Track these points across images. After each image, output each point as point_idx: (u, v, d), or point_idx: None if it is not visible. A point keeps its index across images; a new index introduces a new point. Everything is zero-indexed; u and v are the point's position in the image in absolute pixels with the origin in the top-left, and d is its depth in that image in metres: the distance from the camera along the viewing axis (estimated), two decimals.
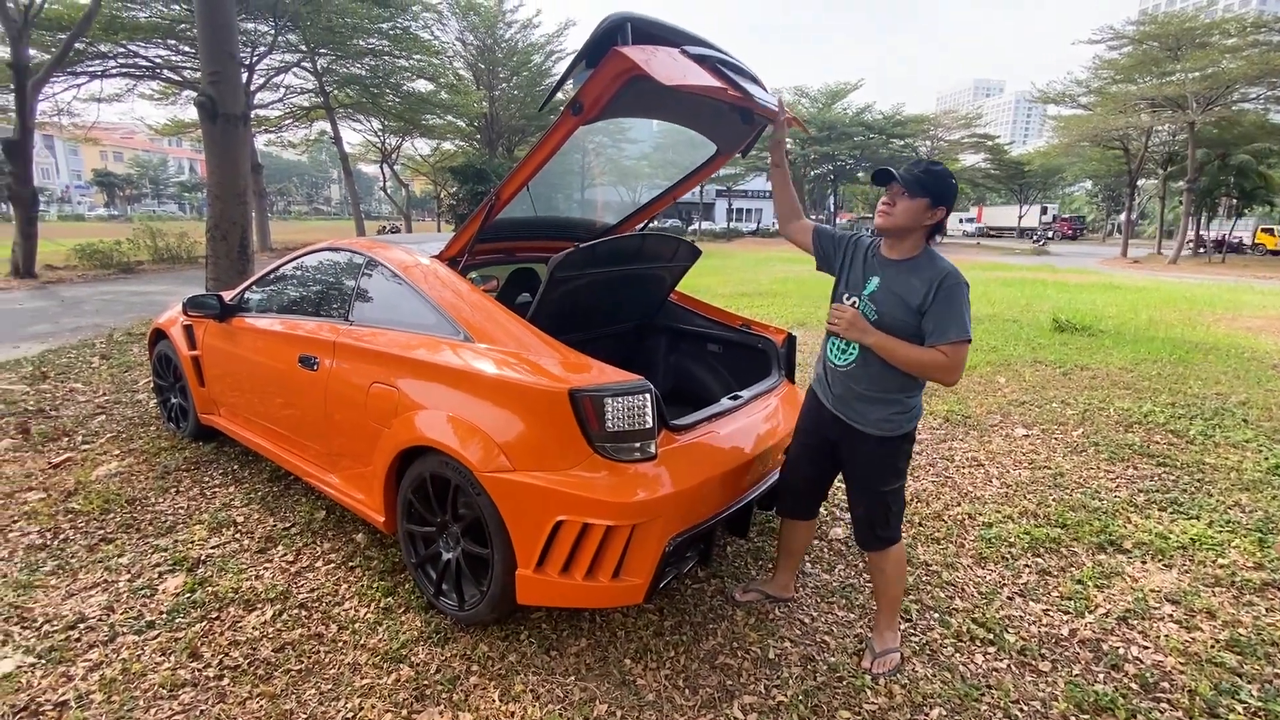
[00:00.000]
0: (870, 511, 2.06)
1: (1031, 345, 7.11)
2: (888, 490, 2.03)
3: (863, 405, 1.97)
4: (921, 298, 1.82)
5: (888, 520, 2.06)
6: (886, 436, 1.97)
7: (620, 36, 1.88)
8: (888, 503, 2.04)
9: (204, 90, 6.86)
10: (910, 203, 1.82)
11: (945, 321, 1.80)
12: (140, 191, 65.93)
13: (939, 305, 1.80)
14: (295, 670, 2.05)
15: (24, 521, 2.90)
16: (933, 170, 1.82)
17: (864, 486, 2.06)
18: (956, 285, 1.81)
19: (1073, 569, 2.73)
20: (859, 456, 2.04)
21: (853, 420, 1.99)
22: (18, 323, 7.80)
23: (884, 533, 2.07)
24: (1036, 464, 3.83)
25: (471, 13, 25.40)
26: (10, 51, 11.13)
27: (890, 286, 1.89)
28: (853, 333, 1.88)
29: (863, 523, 2.09)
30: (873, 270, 1.95)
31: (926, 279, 1.83)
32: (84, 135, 20.13)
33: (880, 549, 2.09)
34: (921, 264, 1.88)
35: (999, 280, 14.79)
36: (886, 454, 2.00)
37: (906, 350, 1.84)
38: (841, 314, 1.91)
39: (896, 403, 1.95)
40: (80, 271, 13.29)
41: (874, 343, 1.86)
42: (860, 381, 1.96)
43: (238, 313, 3.33)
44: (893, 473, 2.02)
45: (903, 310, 1.86)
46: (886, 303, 1.88)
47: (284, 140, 28.11)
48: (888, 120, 37.01)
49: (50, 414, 4.35)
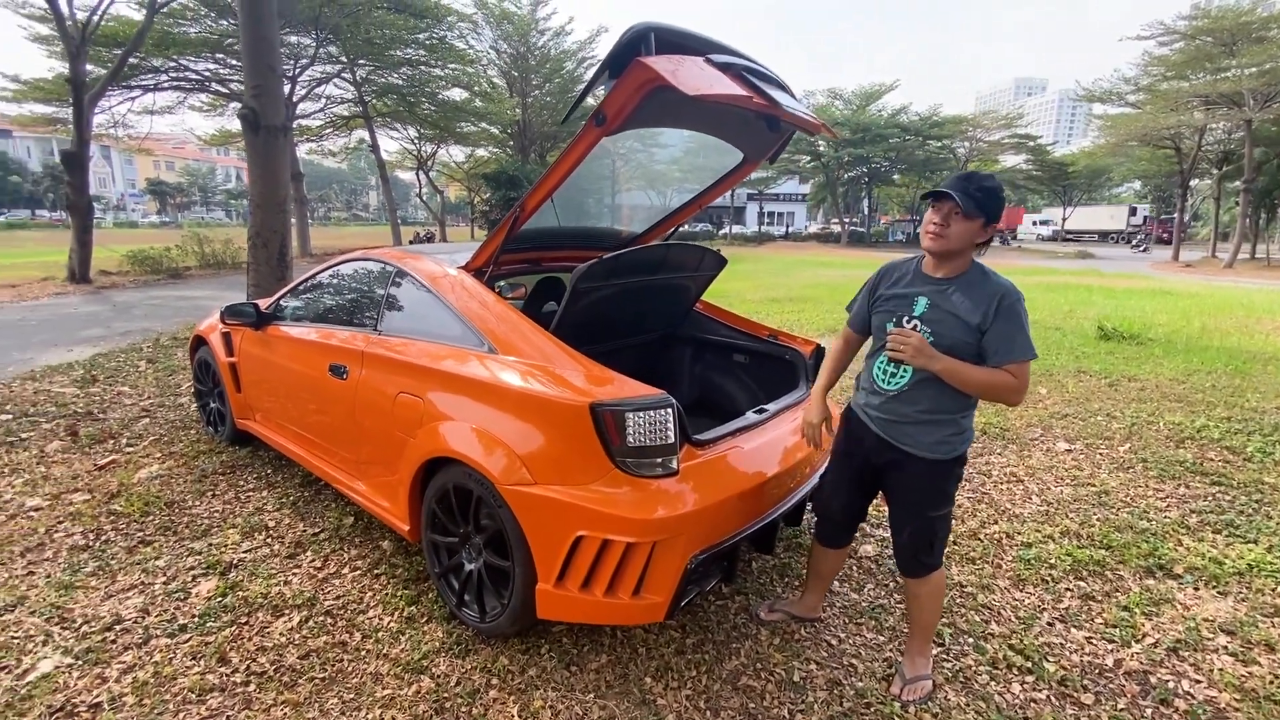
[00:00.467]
0: (916, 537, 1.97)
1: (1075, 354, 6.85)
2: (936, 516, 1.94)
3: (915, 429, 1.87)
4: (981, 316, 1.74)
5: (932, 546, 1.97)
6: (940, 460, 1.88)
7: (644, 46, 1.86)
8: (935, 528, 1.96)
9: (247, 103, 7.08)
10: (966, 224, 1.73)
11: (1010, 341, 1.72)
12: (190, 199, 68.61)
13: (1002, 324, 1.72)
14: (319, 678, 2.07)
15: (69, 522, 3.01)
16: (987, 187, 1.73)
17: (913, 512, 1.96)
18: (1017, 302, 1.74)
19: (1118, 594, 2.60)
20: (908, 481, 1.94)
21: (903, 444, 1.89)
22: (72, 327, 8.15)
23: (928, 559, 1.98)
24: (1080, 481, 3.67)
25: (505, 21, 25.76)
26: (69, 67, 11.69)
27: (943, 306, 1.79)
28: (919, 359, 1.76)
29: (906, 549, 2.00)
30: (918, 290, 1.85)
31: (985, 296, 1.75)
32: (138, 146, 21.02)
33: (923, 575, 2.01)
34: (974, 280, 1.80)
35: (1041, 285, 14.31)
36: (938, 478, 1.91)
37: (973, 373, 1.75)
38: (906, 340, 1.77)
39: (952, 424, 1.86)
40: (132, 277, 13.86)
41: (941, 369, 1.75)
42: (913, 404, 1.86)
43: (273, 321, 3.41)
44: (942, 497, 1.93)
45: (961, 330, 1.76)
46: (943, 324, 1.78)
47: (324, 149, 29.00)
48: (924, 121, 36.19)
49: (98, 416, 4.52)
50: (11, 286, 11.68)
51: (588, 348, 2.87)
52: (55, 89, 16.19)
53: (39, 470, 3.58)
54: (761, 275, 16.92)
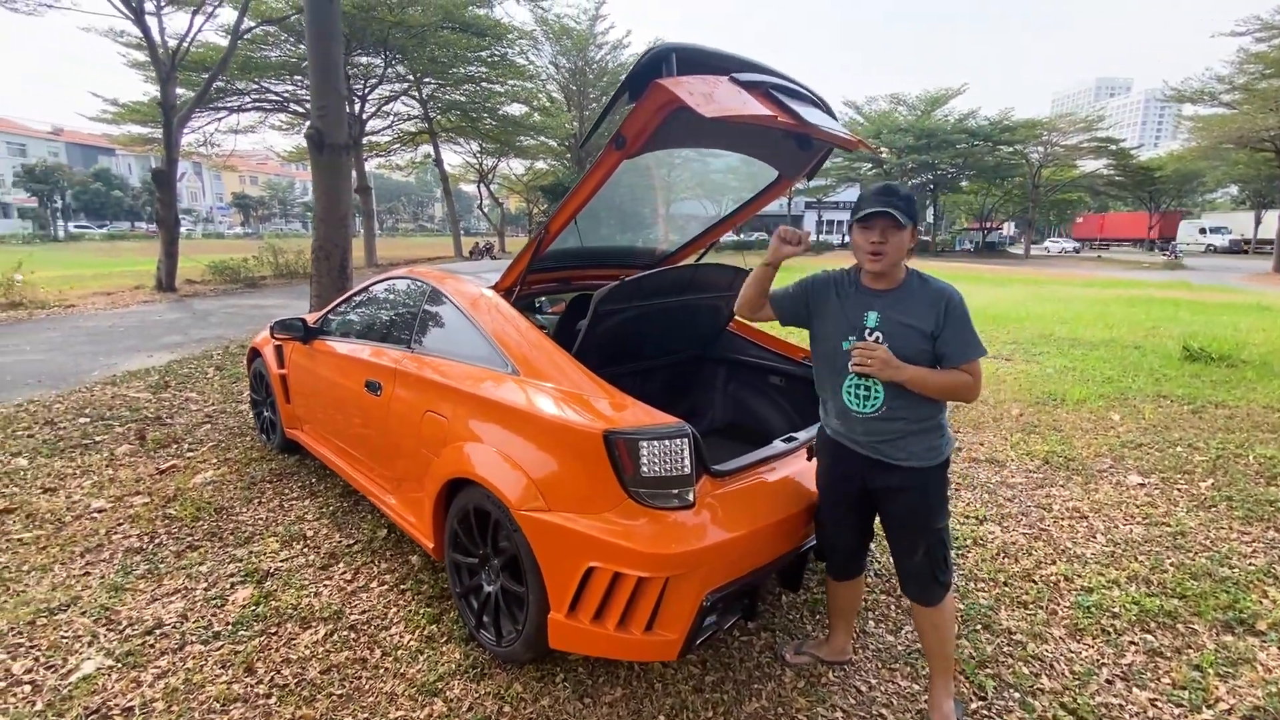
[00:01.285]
0: (930, 555, 1.89)
1: (1155, 376, 6.34)
2: (942, 527, 1.90)
3: (906, 441, 1.85)
4: (934, 322, 1.76)
5: (947, 561, 1.92)
6: (932, 466, 1.85)
7: (664, 68, 1.82)
8: (944, 540, 1.91)
9: (313, 123, 7.44)
10: (901, 234, 1.74)
11: (963, 343, 1.76)
12: (270, 211, 73.02)
13: (953, 327, 1.76)
14: (337, 695, 2.09)
15: (127, 524, 3.18)
16: (907, 195, 1.75)
17: (921, 527, 1.89)
18: (961, 303, 1.79)
19: (1190, 651, 2.34)
20: (909, 497, 1.89)
21: (897, 459, 1.85)
22: (155, 333, 8.75)
23: (945, 577, 1.92)
24: (1153, 519, 3.36)
25: (564, 37, 26.36)
26: (160, 91, 12.64)
27: (894, 317, 1.80)
28: (886, 371, 1.76)
29: (922, 571, 1.90)
30: (865, 304, 1.85)
31: (930, 301, 1.78)
32: (224, 162, 22.60)
33: (940, 599, 1.92)
34: (915, 287, 1.82)
35: (1120, 299, 13.40)
36: (935, 486, 1.89)
37: (938, 379, 1.77)
38: (873, 353, 1.76)
39: (936, 428, 1.86)
40: (212, 286, 14.81)
41: (908, 378, 1.76)
42: (895, 420, 1.84)
43: (319, 335, 3.53)
44: (943, 505, 1.91)
45: (916, 338, 1.78)
46: (896, 335, 1.79)
47: (392, 163, 30.37)
48: (994, 126, 34.63)
49: (166, 421, 4.80)
50: (107, 294, 12.67)
51: (614, 369, 2.84)
52: (149, 111, 17.61)
53: (107, 473, 3.82)
54: None
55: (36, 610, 2.48)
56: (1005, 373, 6.53)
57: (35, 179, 45.86)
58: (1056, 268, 27.39)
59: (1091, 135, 35.97)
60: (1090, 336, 8.54)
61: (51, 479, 3.73)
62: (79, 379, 6.08)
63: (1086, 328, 9.23)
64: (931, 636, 1.97)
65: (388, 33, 17.67)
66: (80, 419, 4.80)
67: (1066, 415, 5.11)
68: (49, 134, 63.15)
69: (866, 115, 37.69)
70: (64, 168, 50.25)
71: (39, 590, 2.63)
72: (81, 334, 8.61)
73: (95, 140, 50.50)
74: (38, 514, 3.28)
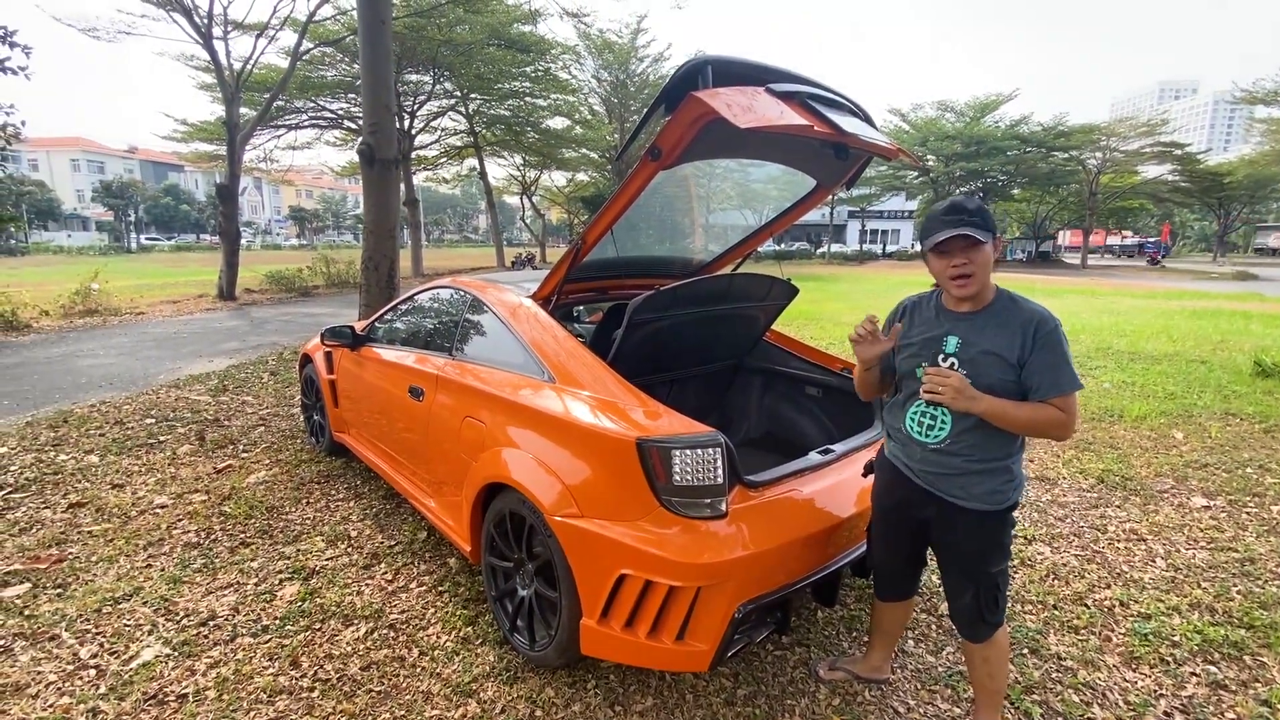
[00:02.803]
0: (980, 598, 1.79)
1: (1223, 393, 5.99)
2: (998, 571, 1.78)
3: (966, 479, 1.72)
4: (1019, 349, 1.60)
5: (997, 604, 1.80)
6: (994, 510, 1.72)
7: (701, 79, 1.84)
8: (998, 584, 1.79)
9: (365, 138, 7.74)
10: (982, 250, 1.61)
11: (1055, 373, 1.58)
12: (324, 224, 75.97)
13: (1042, 355, 1.59)
14: (376, 691, 2.15)
15: (186, 520, 3.35)
16: (977, 208, 1.60)
17: (972, 572, 1.79)
18: (1054, 330, 1.60)
19: (1257, 684, 2.20)
20: (964, 536, 1.78)
21: (953, 496, 1.74)
22: (215, 340, 9.21)
23: (994, 618, 1.81)
24: (1218, 544, 3.18)
25: (606, 51, 26.73)
26: (225, 111, 13.36)
27: (976, 343, 1.66)
28: (960, 401, 1.61)
29: (970, 611, 1.81)
30: (945, 329, 1.72)
31: (1018, 326, 1.62)
32: (282, 177, 23.64)
33: (989, 637, 1.83)
34: (1003, 309, 1.66)
35: (1185, 311, 12.72)
36: (994, 531, 1.75)
37: (1018, 411, 1.59)
38: (945, 381, 1.61)
39: (1004, 471, 1.71)
40: (269, 295, 15.49)
41: (984, 410, 1.60)
42: (958, 455, 1.71)
43: (367, 342, 3.66)
44: (1001, 551, 1.77)
45: (999, 367, 1.63)
46: (977, 362, 1.65)
47: (439, 176, 31.26)
48: (1048, 132, 33.43)
49: (223, 423, 5.04)
50: (173, 303, 13.40)
51: (650, 378, 2.86)
52: (215, 130, 18.63)
53: (169, 471, 4.03)
54: (859, 297, 16.25)
55: (103, 599, 2.63)
56: None
57: (111, 194, 49.00)
58: (1117, 278, 26.19)
59: (1154, 140, 34.37)
60: (1152, 350, 8.13)
61: (119, 475, 3.95)
62: (146, 382, 6.44)
63: (1148, 341, 8.79)
64: (979, 670, 1.89)
65: (436, 51, 18.26)
66: (147, 420, 5.08)
67: (1124, 433, 4.88)
68: (125, 152, 67.43)
69: (912, 123, 36.91)
70: (138, 183, 53.56)
71: (105, 580, 2.79)
72: (149, 340, 9.12)
73: (166, 158, 53.70)
74: (106, 508, 3.49)
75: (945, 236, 1.59)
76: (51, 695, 2.10)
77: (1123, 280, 24.72)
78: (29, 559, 2.95)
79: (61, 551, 3.03)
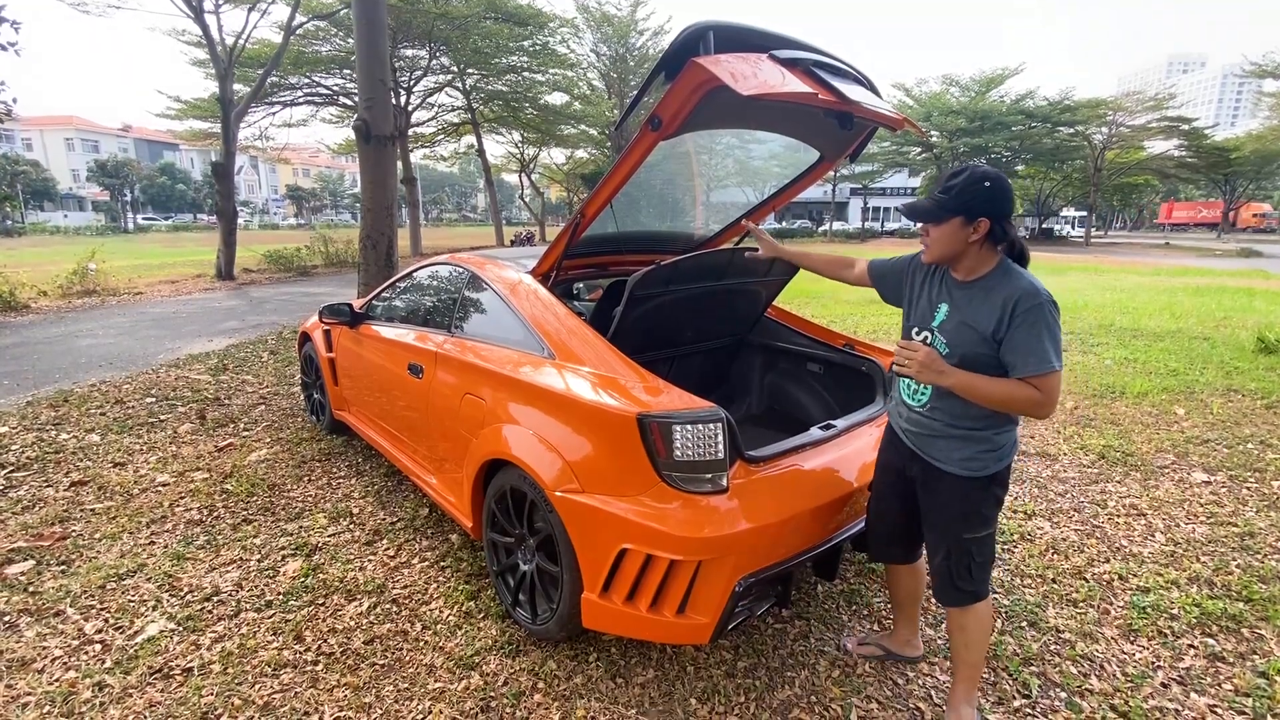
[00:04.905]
0: (950, 561, 1.80)
1: (1225, 370, 5.98)
2: (972, 539, 1.77)
3: (944, 443, 1.75)
4: (995, 324, 1.58)
5: (969, 572, 1.79)
6: (972, 478, 1.73)
7: (701, 46, 1.79)
8: (970, 552, 1.78)
9: (360, 114, 7.63)
10: (941, 228, 1.63)
11: (1025, 352, 1.55)
12: (322, 203, 75.33)
13: (1019, 332, 1.56)
14: (379, 664, 2.17)
15: (188, 498, 3.36)
16: (949, 184, 1.60)
17: (947, 534, 1.80)
18: (1035, 307, 1.55)
19: (1255, 657, 2.21)
20: (940, 498, 1.80)
21: (933, 458, 1.77)
22: (214, 319, 9.18)
23: (964, 585, 1.81)
24: (1218, 519, 3.18)
25: (605, 24, 26.26)
26: (218, 87, 13.17)
27: (961, 316, 1.66)
28: (926, 375, 1.63)
29: (941, 573, 1.83)
30: (943, 296, 1.74)
31: (1000, 300, 1.59)
32: (278, 156, 23.41)
33: (962, 604, 1.83)
34: (994, 282, 1.63)
35: (1188, 288, 12.65)
36: (972, 498, 1.75)
37: (990, 387, 1.59)
38: (912, 354, 1.64)
39: (984, 440, 1.71)
40: (268, 274, 15.41)
41: (953, 384, 1.62)
42: (939, 420, 1.74)
43: (365, 320, 3.63)
44: (979, 520, 1.77)
45: (976, 341, 1.62)
46: (958, 334, 1.66)
47: (437, 154, 30.90)
48: (1053, 106, 32.93)
49: (224, 402, 5.03)
50: (171, 283, 13.34)
51: (651, 354, 2.84)
52: (209, 107, 18.37)
53: (171, 449, 4.04)
54: None
55: (107, 575, 2.64)
56: None
57: (107, 174, 48.55)
58: (1121, 255, 26.03)
59: (1161, 114, 33.88)
60: (1154, 327, 8.09)
61: (121, 454, 3.96)
62: (146, 361, 6.43)
63: (1150, 318, 8.75)
64: (955, 638, 1.89)
65: (432, 25, 17.94)
66: (147, 399, 5.08)
67: (1126, 409, 4.87)
68: (119, 131, 66.66)
69: (916, 97, 36.36)
70: (133, 163, 53.01)
71: (109, 557, 2.80)
72: (148, 320, 9.09)
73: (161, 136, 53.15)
74: (109, 486, 3.50)
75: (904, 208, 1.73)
76: (57, 670, 2.12)
77: (1126, 257, 24.57)
78: (33, 536, 2.96)
79: (65, 529, 3.04)
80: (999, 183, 1.57)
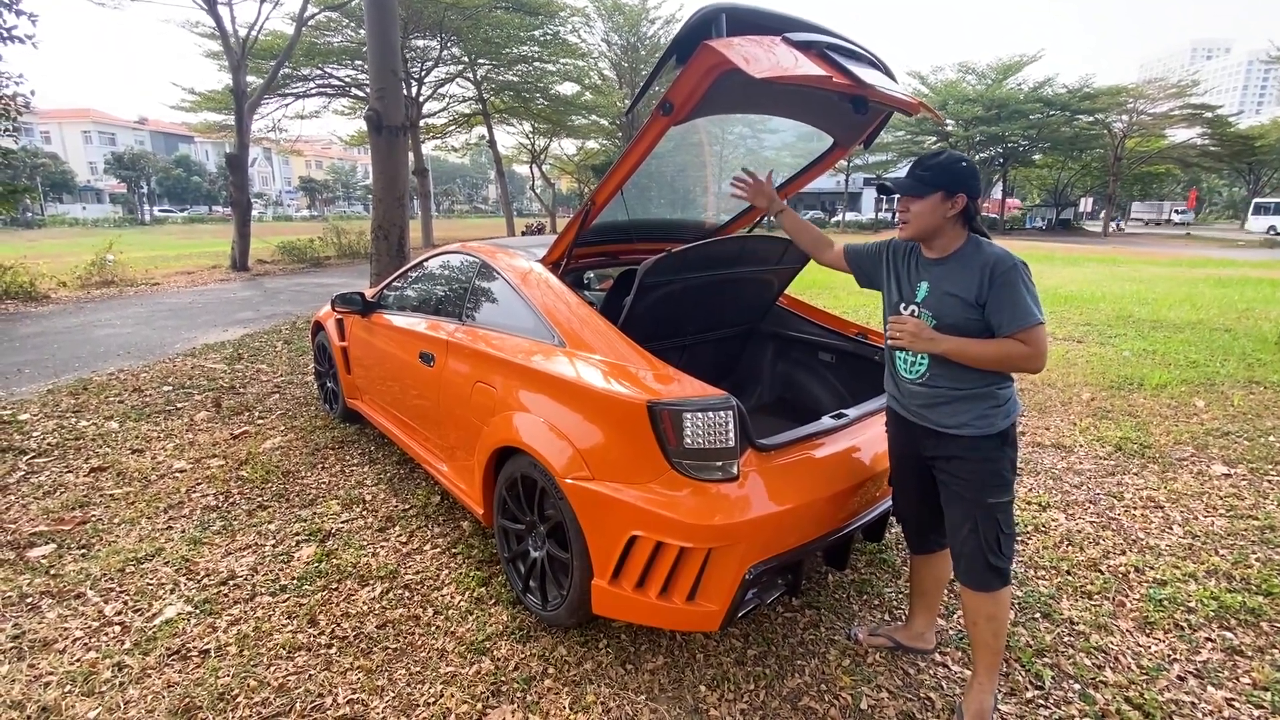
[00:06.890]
0: (980, 534, 1.77)
1: (1246, 361, 5.87)
2: (996, 504, 1.76)
3: (950, 407, 1.79)
4: (978, 288, 1.69)
5: (999, 545, 1.77)
6: (984, 435, 1.76)
7: (714, 29, 1.77)
8: (998, 520, 1.77)
9: (372, 105, 7.63)
10: (921, 202, 1.74)
11: (1010, 310, 1.66)
12: (334, 194, 75.73)
13: (998, 294, 1.67)
14: (392, 649, 2.19)
15: (205, 484, 3.40)
16: (930, 163, 1.73)
17: (970, 501, 1.78)
18: (1010, 269, 1.67)
19: (1275, 650, 2.18)
20: (958, 466, 1.79)
21: (944, 425, 1.79)
22: (229, 310, 9.27)
23: (998, 561, 1.78)
24: (1238, 512, 3.13)
25: (617, 13, 26.08)
26: (232, 79, 13.24)
27: (941, 287, 1.77)
28: (919, 344, 1.75)
29: (973, 552, 1.79)
30: (920, 275, 1.84)
31: (977, 268, 1.71)
32: (291, 148, 23.52)
33: (992, 588, 1.79)
34: (968, 254, 1.75)
35: (1210, 279, 12.42)
36: (988, 457, 1.76)
37: (981, 347, 1.70)
38: (902, 326, 1.76)
39: (988, 396, 1.76)
40: (282, 265, 15.54)
41: (946, 349, 1.73)
42: (941, 386, 1.79)
43: (377, 309, 3.65)
44: (1000, 481, 1.77)
45: (961, 308, 1.72)
46: (943, 305, 1.76)
47: (448, 145, 30.91)
48: (1072, 94, 32.26)
49: (239, 391, 5.09)
50: (187, 274, 13.49)
51: (662, 343, 2.83)
52: (223, 99, 18.47)
53: (187, 437, 4.10)
54: None
55: (125, 559, 2.69)
56: (1076, 355, 6.18)
57: (124, 166, 49.02)
58: (1140, 246, 25.59)
59: (1184, 102, 33.11)
60: (1174, 318, 7.96)
61: (139, 441, 4.02)
62: (163, 351, 6.51)
63: (1170, 309, 8.61)
64: (978, 627, 1.84)
65: (443, 15, 17.89)
66: (164, 387, 5.15)
67: (1144, 401, 4.80)
68: (135, 124, 67.25)
69: (932, 85, 35.82)
70: (149, 155, 53.46)
71: (128, 541, 2.85)
72: (165, 310, 9.20)
73: (176, 129, 53.57)
74: (127, 472, 3.55)
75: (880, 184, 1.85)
76: (79, 650, 2.16)
77: (1146, 248, 24.14)
78: (54, 521, 3.02)
79: (84, 514, 3.10)
80: (972, 165, 1.74)
